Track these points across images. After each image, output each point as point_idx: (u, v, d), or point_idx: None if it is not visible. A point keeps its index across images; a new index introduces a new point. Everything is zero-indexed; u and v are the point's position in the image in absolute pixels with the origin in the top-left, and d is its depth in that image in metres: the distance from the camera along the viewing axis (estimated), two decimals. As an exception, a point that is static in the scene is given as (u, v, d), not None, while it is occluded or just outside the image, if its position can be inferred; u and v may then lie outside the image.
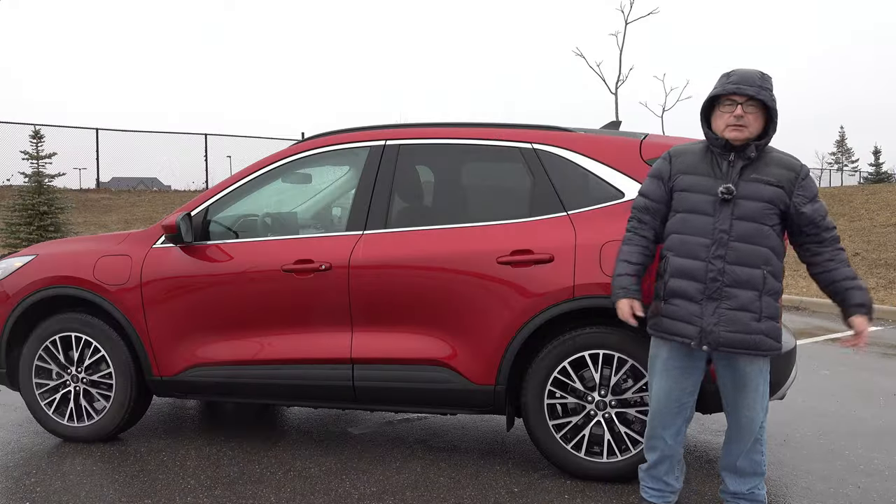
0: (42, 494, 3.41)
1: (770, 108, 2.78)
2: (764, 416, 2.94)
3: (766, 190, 2.77)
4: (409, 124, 3.94)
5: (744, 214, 2.76)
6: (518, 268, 3.51)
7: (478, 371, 3.58)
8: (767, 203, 2.77)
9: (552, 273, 3.48)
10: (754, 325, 2.77)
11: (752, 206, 2.77)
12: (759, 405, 2.91)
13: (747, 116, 2.76)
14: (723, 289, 2.77)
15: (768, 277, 2.78)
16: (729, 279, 2.77)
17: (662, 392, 2.96)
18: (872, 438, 4.23)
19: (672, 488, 3.10)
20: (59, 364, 4.09)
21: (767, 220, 2.77)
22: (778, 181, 2.78)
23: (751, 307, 2.76)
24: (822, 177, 41.22)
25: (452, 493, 3.43)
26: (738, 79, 2.78)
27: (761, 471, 2.99)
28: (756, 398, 2.90)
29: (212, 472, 3.68)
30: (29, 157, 11.34)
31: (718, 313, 2.78)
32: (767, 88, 2.79)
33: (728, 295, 2.77)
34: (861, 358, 6.45)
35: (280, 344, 3.78)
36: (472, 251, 3.57)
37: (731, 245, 2.76)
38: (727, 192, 2.76)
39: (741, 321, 2.76)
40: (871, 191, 16.07)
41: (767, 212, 2.77)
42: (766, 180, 2.78)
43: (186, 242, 3.88)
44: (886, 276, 10.21)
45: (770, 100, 2.78)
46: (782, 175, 2.79)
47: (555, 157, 3.69)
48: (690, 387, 2.96)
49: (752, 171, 2.80)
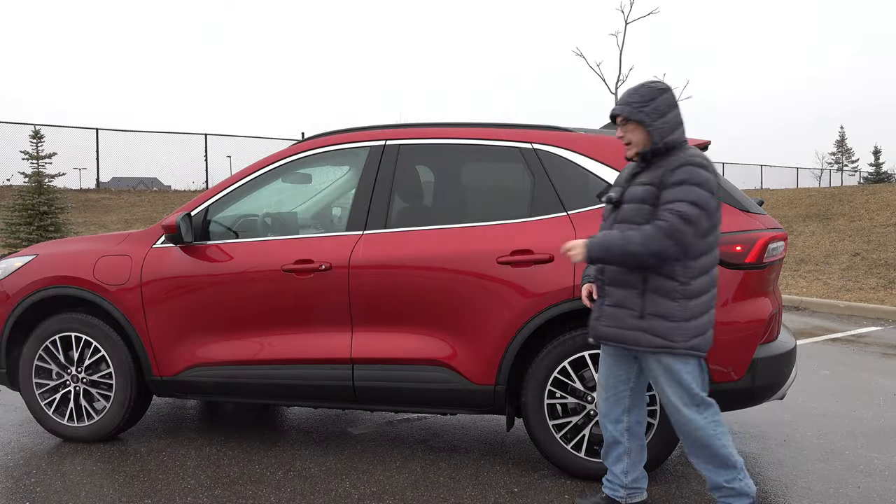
0: (42, 494, 3.41)
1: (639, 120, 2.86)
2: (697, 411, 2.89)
3: (638, 190, 2.88)
4: (409, 124, 3.94)
5: (622, 217, 2.92)
6: (518, 268, 3.52)
7: (478, 371, 3.58)
8: (639, 203, 2.86)
9: (552, 273, 3.48)
10: (632, 321, 2.87)
11: (627, 209, 2.90)
12: (682, 404, 2.89)
13: (627, 135, 2.92)
14: (604, 287, 2.98)
15: (650, 276, 2.83)
16: (608, 278, 2.96)
17: (602, 379, 3.10)
18: (872, 438, 4.23)
19: (619, 481, 3.11)
20: (59, 364, 4.09)
21: (640, 218, 2.84)
22: (651, 180, 2.85)
23: (628, 304, 2.88)
24: (822, 177, 41.21)
25: (452, 493, 3.43)
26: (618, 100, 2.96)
27: (731, 463, 2.93)
28: (666, 396, 2.90)
29: (212, 472, 3.68)
30: (29, 157, 11.33)
31: (601, 309, 2.99)
32: (633, 102, 2.87)
33: (607, 293, 2.96)
34: (861, 358, 6.45)
35: (280, 344, 3.79)
36: (473, 251, 3.58)
37: None
38: (607, 200, 3.02)
39: (617, 317, 2.92)
40: (871, 191, 16.06)
41: (641, 211, 2.85)
42: (642, 181, 2.88)
43: (186, 242, 3.88)
44: (886, 276, 10.21)
45: (634, 113, 2.87)
46: (657, 173, 2.85)
47: (555, 157, 3.69)
48: (623, 376, 3.04)
49: (641, 177, 2.91)
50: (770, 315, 3.47)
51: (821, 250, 12.11)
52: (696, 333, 2.85)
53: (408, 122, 3.99)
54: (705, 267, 2.86)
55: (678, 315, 2.83)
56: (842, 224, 13.52)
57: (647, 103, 2.87)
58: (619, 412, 3.07)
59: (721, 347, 3.35)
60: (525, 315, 3.51)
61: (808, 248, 12.42)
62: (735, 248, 3.37)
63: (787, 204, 16.17)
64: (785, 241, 3.59)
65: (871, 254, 11.37)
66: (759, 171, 34.53)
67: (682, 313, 2.83)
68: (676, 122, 2.90)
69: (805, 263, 11.50)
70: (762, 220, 3.54)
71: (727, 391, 3.39)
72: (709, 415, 2.91)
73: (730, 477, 2.94)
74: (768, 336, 3.49)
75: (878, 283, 9.95)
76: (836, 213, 14.34)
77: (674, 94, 2.94)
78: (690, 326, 2.84)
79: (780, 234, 3.52)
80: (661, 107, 2.88)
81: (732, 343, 3.38)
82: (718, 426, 2.92)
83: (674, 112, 2.90)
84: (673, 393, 2.89)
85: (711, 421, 2.91)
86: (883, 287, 9.72)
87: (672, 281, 2.82)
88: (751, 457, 3.95)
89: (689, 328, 2.84)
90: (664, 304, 2.83)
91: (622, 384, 3.05)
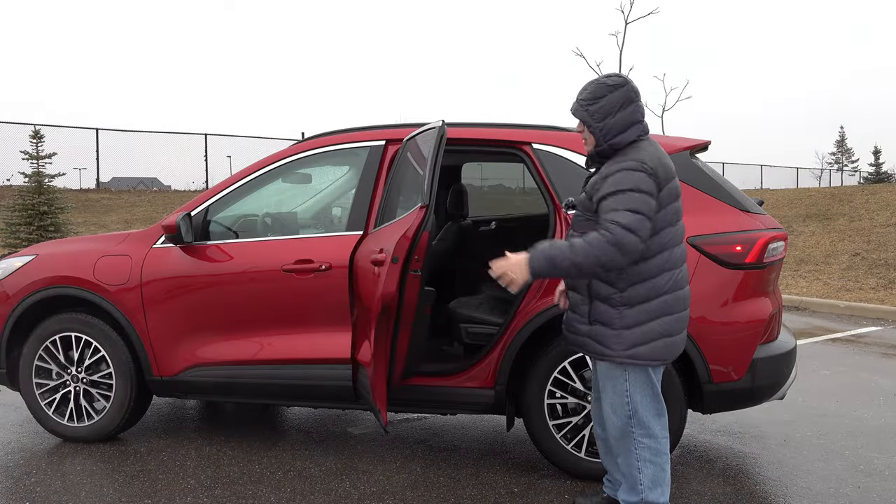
0: (42, 494, 3.40)
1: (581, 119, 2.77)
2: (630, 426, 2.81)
3: (579, 199, 2.87)
4: (409, 124, 3.94)
5: (572, 224, 2.92)
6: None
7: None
8: (578, 211, 2.86)
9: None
10: (581, 327, 2.85)
11: (574, 216, 2.92)
12: (610, 408, 2.84)
13: (584, 133, 2.83)
14: (567, 291, 2.97)
15: (593, 283, 2.77)
16: (567, 283, 2.96)
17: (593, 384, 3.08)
18: (872, 438, 4.23)
19: (617, 482, 3.08)
20: (60, 364, 4.08)
21: (577, 227, 2.83)
22: (589, 188, 2.78)
23: (578, 310, 2.87)
24: (822, 177, 41.21)
25: (452, 493, 3.43)
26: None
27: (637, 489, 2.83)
28: (605, 400, 2.87)
29: (212, 472, 3.68)
30: (29, 157, 11.32)
31: (566, 313, 2.99)
32: (581, 100, 2.76)
33: (569, 297, 2.95)
34: (861, 358, 6.45)
35: (280, 344, 3.78)
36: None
37: None
38: (566, 206, 3.05)
39: (571, 322, 2.93)
40: (871, 191, 16.05)
41: (578, 218, 2.85)
42: (584, 188, 2.85)
43: (186, 242, 3.88)
44: (886, 276, 10.21)
45: (578, 111, 2.77)
46: (595, 181, 2.76)
47: (554, 156, 3.69)
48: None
49: (589, 181, 2.84)
50: (770, 315, 3.47)
51: (821, 250, 12.10)
52: (637, 342, 2.71)
53: (408, 122, 3.98)
54: (648, 272, 2.70)
55: (617, 323, 2.73)
56: (842, 224, 13.51)
57: (594, 101, 2.72)
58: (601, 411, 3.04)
59: (721, 347, 3.36)
60: (525, 315, 3.52)
61: (808, 248, 12.41)
62: (735, 248, 3.37)
63: (787, 204, 16.16)
64: (785, 241, 3.59)
65: (871, 254, 11.37)
66: (759, 171, 34.53)
67: (620, 321, 2.73)
68: (627, 121, 2.71)
69: (805, 263, 11.50)
70: (762, 220, 3.54)
71: (727, 391, 3.40)
72: (640, 434, 2.80)
73: (626, 499, 2.90)
74: (768, 336, 3.49)
75: (878, 283, 9.95)
76: (836, 213, 14.33)
77: (630, 90, 2.73)
78: (629, 334, 2.71)
79: (780, 234, 3.52)
80: (609, 105, 2.70)
81: (732, 343, 3.38)
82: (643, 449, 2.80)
83: (627, 110, 2.71)
84: (606, 399, 2.86)
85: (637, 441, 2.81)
86: (883, 287, 9.72)
87: (610, 287, 2.73)
88: (751, 457, 3.95)
89: (629, 336, 2.72)
90: (605, 311, 2.75)
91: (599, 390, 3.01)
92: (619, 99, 2.71)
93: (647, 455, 2.82)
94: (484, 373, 3.65)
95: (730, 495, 3.43)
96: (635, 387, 2.79)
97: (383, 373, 3.25)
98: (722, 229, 3.41)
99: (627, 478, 2.88)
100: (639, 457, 2.82)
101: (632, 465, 2.84)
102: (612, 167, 2.69)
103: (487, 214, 6.26)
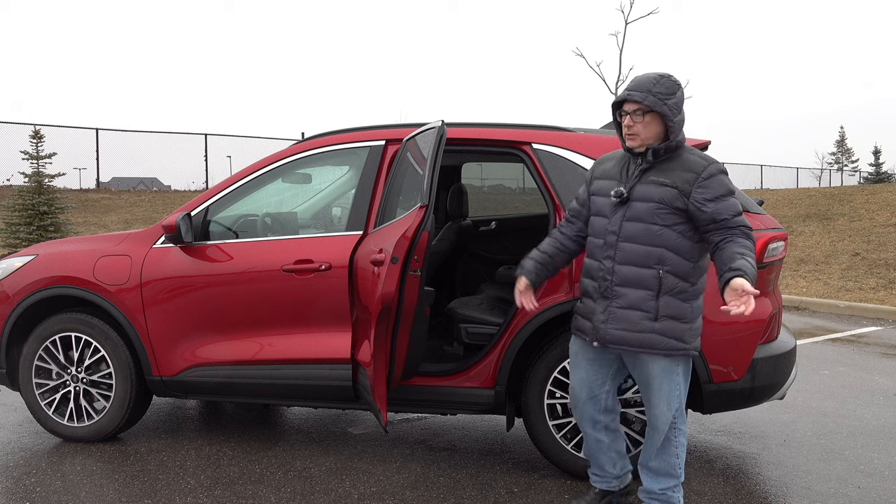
0: (42, 494, 3.40)
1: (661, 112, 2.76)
2: (674, 417, 2.89)
3: (656, 191, 2.79)
4: (409, 124, 3.93)
5: (633, 216, 2.81)
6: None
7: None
8: (658, 203, 2.79)
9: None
10: (646, 323, 2.79)
11: (641, 207, 2.81)
12: (665, 404, 2.88)
13: (636, 125, 2.79)
14: (612, 287, 2.84)
15: (666, 277, 2.77)
16: (618, 278, 2.83)
17: (576, 383, 3.06)
18: (872, 438, 4.23)
19: (610, 474, 3.13)
20: (59, 364, 4.08)
21: (659, 219, 2.78)
22: (673, 182, 2.77)
23: (642, 306, 2.79)
24: (822, 177, 41.20)
25: (452, 493, 3.43)
26: (632, 85, 2.82)
27: (675, 473, 2.94)
28: (660, 397, 2.88)
29: (212, 472, 3.68)
30: (29, 157, 11.32)
31: (608, 311, 2.85)
32: (658, 93, 2.75)
33: (617, 294, 2.83)
34: (861, 358, 6.45)
35: (280, 344, 3.78)
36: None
37: (619, 245, 2.83)
38: (616, 196, 2.85)
39: (629, 319, 2.81)
40: (871, 191, 16.04)
41: (659, 212, 2.78)
42: (660, 181, 2.79)
43: (186, 242, 3.88)
44: (886, 276, 10.21)
45: (658, 104, 2.74)
46: (680, 177, 2.76)
47: (554, 156, 3.69)
48: (601, 378, 3.01)
49: (652, 174, 2.82)
50: (770, 315, 3.47)
51: (821, 250, 12.10)
52: (698, 334, 2.88)
53: (408, 122, 3.98)
54: (706, 266, 2.87)
55: (689, 316, 2.82)
56: (842, 224, 13.51)
57: (670, 96, 2.77)
58: (597, 413, 3.05)
59: (721, 347, 3.36)
60: (525, 315, 3.52)
61: (808, 248, 12.41)
62: (735, 248, 3.37)
63: (787, 204, 16.16)
64: (785, 241, 3.59)
65: (871, 254, 11.37)
66: (759, 171, 34.51)
67: (691, 314, 2.83)
68: (684, 120, 2.85)
69: (805, 263, 11.50)
70: (762, 219, 3.54)
71: (727, 391, 3.40)
72: (679, 422, 2.93)
73: (668, 485, 2.96)
74: (768, 336, 3.49)
75: (878, 283, 9.95)
76: (836, 213, 14.33)
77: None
78: (697, 327, 2.86)
79: (780, 234, 3.52)
80: (680, 102, 2.81)
81: (732, 343, 3.38)
82: (681, 435, 2.94)
83: (684, 110, 2.85)
84: (668, 395, 2.87)
85: (678, 429, 2.93)
86: (883, 287, 9.72)
87: (684, 282, 2.80)
88: (751, 457, 3.95)
89: (696, 329, 2.87)
90: (677, 306, 2.79)
91: (598, 387, 3.02)
92: (682, 97, 2.84)
93: (683, 440, 2.95)
94: (484, 373, 3.65)
95: (730, 495, 3.43)
96: (683, 378, 2.90)
97: (383, 373, 3.25)
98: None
99: (663, 465, 2.94)
100: (677, 444, 2.93)
101: (670, 453, 2.93)
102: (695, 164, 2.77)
103: (487, 214, 6.27)
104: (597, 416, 3.04)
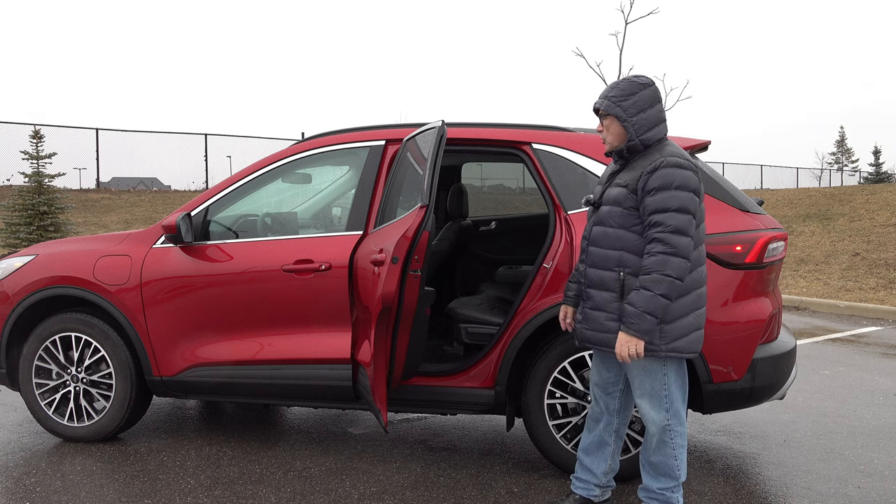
0: (42, 494, 3.40)
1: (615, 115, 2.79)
2: (667, 419, 2.86)
3: (613, 192, 2.84)
4: (409, 124, 3.94)
5: (598, 220, 2.90)
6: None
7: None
8: (613, 205, 2.82)
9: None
10: (610, 324, 2.82)
11: (603, 211, 2.89)
12: (647, 403, 2.87)
13: (603, 130, 2.88)
14: (586, 290, 2.94)
15: (628, 279, 2.78)
16: (588, 281, 2.92)
17: (592, 382, 3.09)
18: (872, 438, 4.23)
19: (597, 480, 3.11)
20: (59, 364, 4.08)
21: (613, 221, 2.82)
22: (625, 182, 2.80)
23: (607, 308, 2.84)
24: (822, 177, 41.20)
25: (452, 493, 3.43)
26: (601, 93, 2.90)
27: (674, 475, 2.91)
28: (642, 395, 2.88)
29: (212, 472, 3.68)
30: (29, 157, 11.32)
31: (583, 312, 2.95)
32: (612, 97, 2.81)
33: (588, 296, 2.92)
34: (861, 358, 6.45)
35: (280, 344, 3.78)
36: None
37: (589, 249, 2.92)
38: (585, 202, 2.99)
39: (597, 320, 2.87)
40: (871, 191, 16.04)
41: (614, 213, 2.82)
42: (617, 182, 2.84)
43: (186, 242, 3.88)
44: (886, 276, 10.21)
45: (611, 108, 2.80)
46: (632, 175, 2.79)
47: (554, 156, 3.69)
48: (613, 378, 3.01)
49: (618, 177, 2.87)
50: (770, 315, 3.47)
51: (821, 250, 12.10)
52: (677, 335, 2.78)
53: (408, 122, 3.98)
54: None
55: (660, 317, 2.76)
56: (842, 224, 13.52)
57: (627, 97, 2.80)
58: (608, 414, 3.05)
59: (721, 347, 3.36)
60: (525, 315, 3.52)
61: (808, 248, 12.42)
62: (735, 248, 3.37)
63: (787, 204, 16.16)
64: (785, 241, 3.59)
65: (871, 254, 11.37)
66: (759, 171, 34.53)
67: (665, 315, 2.75)
68: (657, 119, 2.82)
69: (805, 263, 11.50)
70: (762, 219, 3.54)
71: (727, 391, 3.39)
72: (675, 424, 2.87)
73: (667, 485, 2.94)
74: (768, 336, 3.49)
75: (878, 283, 9.95)
76: (836, 213, 14.33)
77: (657, 90, 2.86)
78: (671, 329, 2.77)
79: (780, 234, 3.52)
80: (641, 102, 2.79)
81: (732, 343, 3.38)
82: (678, 437, 2.89)
83: (655, 108, 2.82)
84: (651, 394, 2.86)
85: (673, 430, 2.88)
86: (883, 287, 9.72)
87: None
88: (751, 457, 3.95)
89: (670, 330, 2.77)
90: None
91: (612, 386, 3.02)
92: (649, 96, 2.83)
93: (681, 441, 2.92)
94: (484, 373, 3.65)
95: (730, 495, 3.43)
96: (671, 379, 2.86)
97: (383, 373, 3.25)
98: (722, 229, 3.40)
99: (660, 467, 2.92)
100: (675, 445, 2.90)
101: (668, 455, 2.91)
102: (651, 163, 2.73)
103: (487, 214, 6.27)
104: (609, 418, 3.06)
